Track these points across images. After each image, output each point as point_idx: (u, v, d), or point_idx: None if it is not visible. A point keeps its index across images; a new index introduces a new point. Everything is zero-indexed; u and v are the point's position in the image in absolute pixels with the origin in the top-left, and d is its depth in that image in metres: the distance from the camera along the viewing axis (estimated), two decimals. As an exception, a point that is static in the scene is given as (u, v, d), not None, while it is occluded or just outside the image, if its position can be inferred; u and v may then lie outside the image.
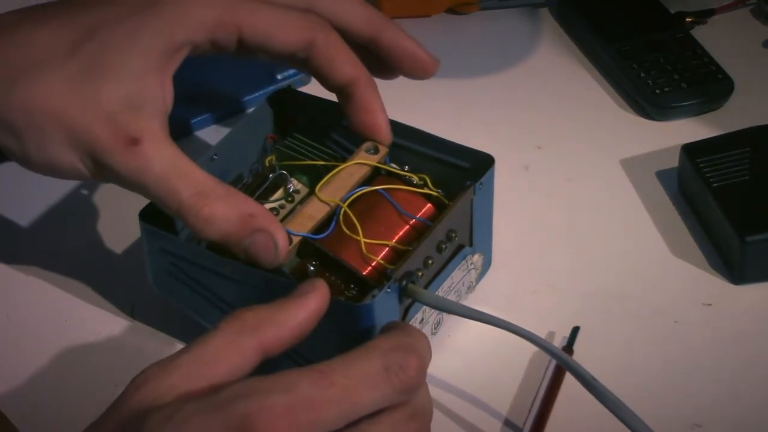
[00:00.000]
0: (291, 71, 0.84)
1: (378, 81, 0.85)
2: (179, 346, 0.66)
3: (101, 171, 0.58)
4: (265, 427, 0.44)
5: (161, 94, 0.58)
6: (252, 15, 0.60)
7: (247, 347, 0.49)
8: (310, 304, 0.51)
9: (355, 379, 0.47)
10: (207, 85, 0.83)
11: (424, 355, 0.49)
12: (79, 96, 0.57)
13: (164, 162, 0.57)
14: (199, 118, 0.81)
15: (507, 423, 0.62)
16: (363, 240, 0.63)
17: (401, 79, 0.85)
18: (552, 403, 0.62)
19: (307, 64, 0.62)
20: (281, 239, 0.57)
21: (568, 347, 0.65)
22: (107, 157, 0.57)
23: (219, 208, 0.57)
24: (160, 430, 0.45)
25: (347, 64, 0.63)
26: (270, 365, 0.64)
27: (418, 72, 0.65)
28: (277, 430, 0.44)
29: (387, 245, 0.64)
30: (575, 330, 0.66)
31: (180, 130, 0.81)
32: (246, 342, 0.49)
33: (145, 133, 0.57)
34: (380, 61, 0.65)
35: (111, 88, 0.57)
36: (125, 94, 0.57)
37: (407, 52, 0.65)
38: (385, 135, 0.65)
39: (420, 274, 0.62)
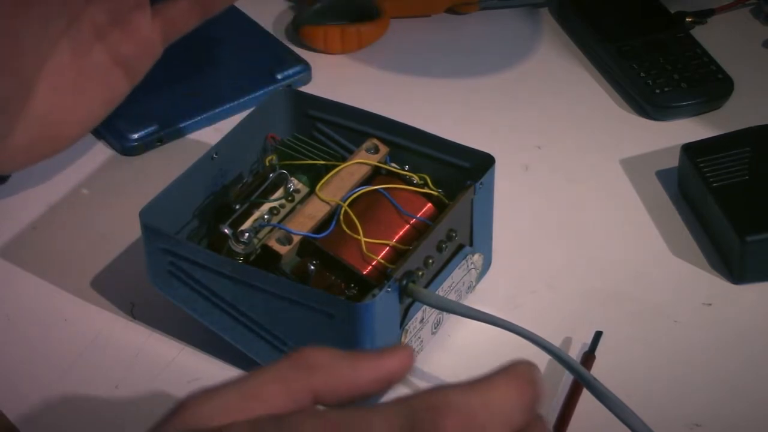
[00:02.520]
0: (291, 71, 0.84)
1: (380, 83, 0.85)
2: (179, 345, 0.66)
3: None
4: None
5: None
6: None
7: (296, 389, 0.43)
8: (384, 366, 0.44)
9: None
10: (206, 85, 0.83)
11: (475, 417, 0.40)
12: None
13: None
14: (199, 118, 0.81)
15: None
16: (363, 239, 0.63)
17: (402, 80, 0.86)
18: (571, 411, 0.62)
19: None
20: None
21: (590, 353, 0.65)
22: None
23: None
24: None
25: None
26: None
27: None
28: None
29: (387, 245, 0.64)
30: (597, 335, 0.66)
31: (179, 130, 0.81)
32: (296, 383, 0.43)
33: None
34: None
35: None
36: None
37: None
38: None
39: (420, 273, 0.62)
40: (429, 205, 0.66)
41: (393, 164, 0.68)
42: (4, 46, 0.63)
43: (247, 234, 0.64)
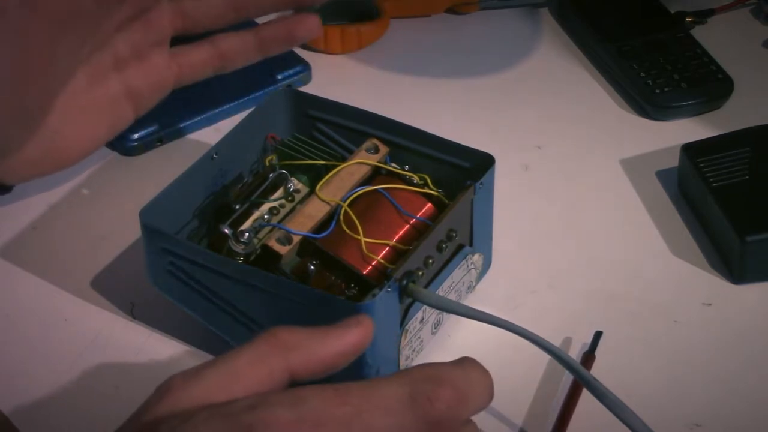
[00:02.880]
0: (291, 71, 0.84)
1: (380, 83, 0.85)
2: (179, 345, 0.66)
3: None
4: None
5: None
6: None
7: (275, 368, 0.47)
8: (348, 338, 0.48)
9: (373, 402, 0.45)
10: (206, 85, 0.83)
11: (463, 391, 0.46)
12: None
13: None
14: (199, 118, 0.81)
15: (506, 421, 0.62)
16: (363, 239, 0.63)
17: (402, 80, 0.86)
18: (571, 411, 0.62)
19: None
20: None
21: (590, 353, 0.65)
22: None
23: None
24: None
25: None
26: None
27: None
28: None
29: (387, 245, 0.64)
30: (597, 335, 0.66)
31: (179, 130, 0.81)
32: (274, 362, 0.47)
33: None
34: None
35: None
36: None
37: None
38: None
39: (420, 273, 0.62)
40: (429, 205, 0.66)
41: (393, 164, 0.68)
42: (41, 65, 0.65)
43: (247, 234, 0.64)
